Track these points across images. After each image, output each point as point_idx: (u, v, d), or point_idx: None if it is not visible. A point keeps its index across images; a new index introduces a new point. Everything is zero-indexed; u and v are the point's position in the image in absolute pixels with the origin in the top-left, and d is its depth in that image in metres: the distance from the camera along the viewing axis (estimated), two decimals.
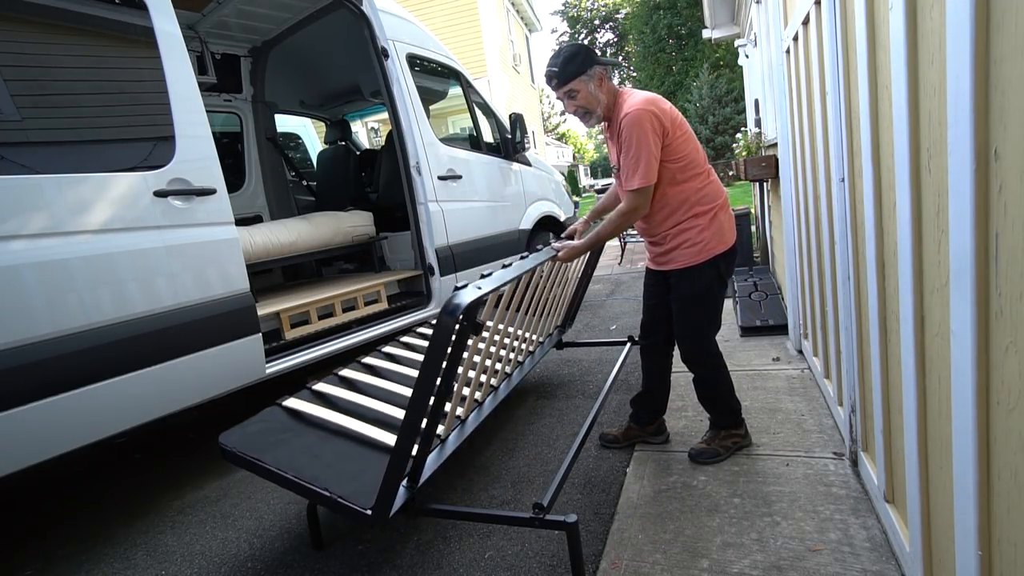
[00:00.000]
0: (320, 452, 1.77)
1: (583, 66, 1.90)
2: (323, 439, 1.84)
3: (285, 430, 1.88)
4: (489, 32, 13.51)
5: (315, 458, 1.72)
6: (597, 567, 1.64)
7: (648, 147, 1.84)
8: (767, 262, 5.13)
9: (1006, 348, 0.81)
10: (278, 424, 1.92)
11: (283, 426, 1.91)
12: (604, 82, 1.94)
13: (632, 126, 1.84)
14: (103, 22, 2.19)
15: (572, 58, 1.91)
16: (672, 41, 25.27)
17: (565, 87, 1.93)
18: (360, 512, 1.50)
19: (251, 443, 1.77)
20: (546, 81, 1.99)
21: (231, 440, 1.79)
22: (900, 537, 1.42)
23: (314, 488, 1.57)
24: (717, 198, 2.00)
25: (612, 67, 2.22)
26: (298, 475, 1.61)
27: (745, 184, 12.00)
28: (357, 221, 3.77)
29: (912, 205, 1.12)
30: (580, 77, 1.91)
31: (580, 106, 1.96)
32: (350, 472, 1.66)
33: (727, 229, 2.01)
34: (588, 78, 1.91)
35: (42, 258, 1.86)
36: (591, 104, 1.95)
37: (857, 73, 1.48)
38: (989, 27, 0.79)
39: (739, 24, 6.87)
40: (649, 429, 2.32)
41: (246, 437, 1.81)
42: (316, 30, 4.00)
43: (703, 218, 1.96)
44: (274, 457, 1.70)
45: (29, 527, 2.38)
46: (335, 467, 1.69)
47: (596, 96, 1.93)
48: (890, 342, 1.43)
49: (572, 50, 1.93)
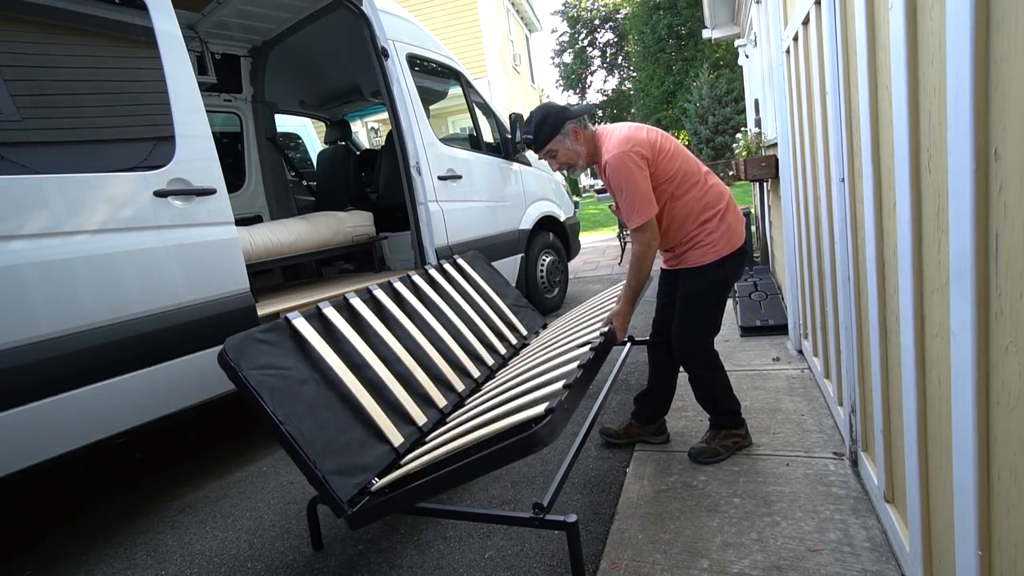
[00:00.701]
0: (315, 407, 1.73)
1: (555, 127, 2.00)
2: (322, 392, 1.80)
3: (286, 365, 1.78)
4: (489, 32, 13.51)
5: (310, 413, 1.70)
6: (597, 567, 1.64)
7: (636, 185, 1.89)
8: (767, 262, 5.13)
9: (1006, 348, 0.81)
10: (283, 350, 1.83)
11: (286, 354, 1.82)
12: (580, 134, 2.02)
13: (616, 172, 1.92)
14: (103, 22, 2.18)
15: (543, 122, 2.00)
16: (672, 41, 25.27)
17: (544, 150, 2.04)
18: (339, 505, 1.53)
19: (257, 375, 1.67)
20: (525, 145, 2.09)
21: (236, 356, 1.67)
22: (900, 537, 1.42)
23: (304, 456, 1.57)
24: (720, 201, 2.01)
25: (586, 116, 2.30)
26: (297, 437, 1.59)
27: (745, 184, 12.00)
28: (357, 221, 3.77)
29: (912, 205, 1.12)
30: (555, 138, 2.01)
31: (562, 163, 2.07)
32: (339, 446, 1.67)
33: (736, 230, 2.02)
34: (563, 136, 2.01)
35: (42, 258, 1.86)
36: (572, 158, 2.05)
37: (857, 73, 1.48)
38: (989, 27, 0.79)
39: (739, 24, 6.87)
40: (650, 428, 2.32)
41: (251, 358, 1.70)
42: (316, 30, 4.00)
43: (712, 222, 2.00)
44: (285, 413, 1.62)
45: (29, 527, 2.38)
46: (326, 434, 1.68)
47: (574, 150, 2.03)
48: (890, 342, 1.43)
49: (542, 114, 2.02)
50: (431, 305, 2.58)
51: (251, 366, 1.66)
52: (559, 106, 2.05)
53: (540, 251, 4.83)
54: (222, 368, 1.65)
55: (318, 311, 2.04)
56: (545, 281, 4.86)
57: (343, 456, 1.67)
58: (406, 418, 1.97)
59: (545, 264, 4.88)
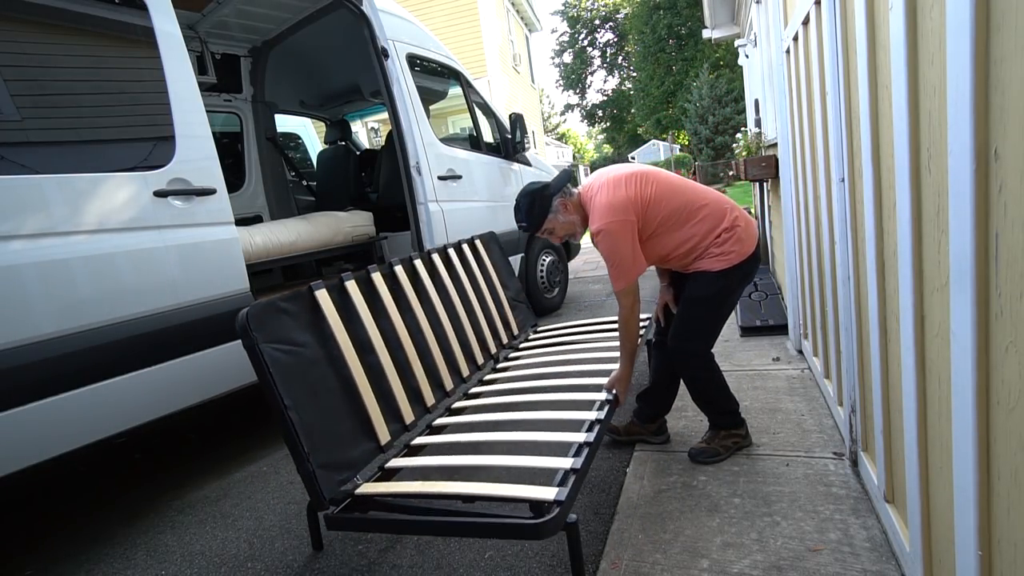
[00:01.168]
0: (319, 391, 1.73)
1: (544, 208, 2.06)
2: (327, 375, 1.80)
3: (300, 341, 1.77)
4: (489, 32, 13.51)
5: (313, 398, 1.70)
6: (597, 567, 1.64)
7: (621, 251, 1.94)
8: (767, 262, 5.13)
9: (1006, 348, 0.81)
10: (300, 323, 1.81)
11: (303, 328, 1.80)
12: (567, 204, 2.07)
13: (603, 242, 1.97)
14: (103, 22, 2.19)
15: (532, 207, 2.05)
16: (672, 41, 25.29)
17: (540, 231, 2.11)
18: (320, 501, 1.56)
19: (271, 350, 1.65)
20: (522, 231, 2.18)
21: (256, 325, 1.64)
22: (900, 537, 1.42)
23: (300, 446, 1.58)
24: (721, 218, 1.99)
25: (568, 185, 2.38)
26: (297, 425, 1.60)
27: (745, 184, 12.01)
28: (357, 221, 3.77)
29: (912, 205, 1.12)
30: (548, 217, 2.07)
31: (562, 236, 2.15)
32: (332, 438, 1.69)
33: (746, 237, 2.00)
34: (553, 214, 2.07)
35: (42, 258, 1.86)
36: (569, 229, 2.12)
37: (857, 73, 1.48)
38: (989, 27, 0.79)
39: (739, 24, 6.87)
40: (650, 427, 2.32)
41: (269, 330, 1.68)
42: (316, 30, 4.00)
43: (720, 237, 1.98)
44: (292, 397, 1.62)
45: (29, 527, 2.38)
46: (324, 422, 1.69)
47: (568, 221, 2.09)
48: (890, 342, 1.43)
49: (527, 201, 2.06)
50: (441, 288, 2.58)
51: (268, 339, 1.65)
52: (539, 185, 2.09)
53: (540, 251, 4.83)
54: (240, 335, 1.62)
55: (340, 283, 2.03)
56: (545, 281, 4.86)
57: (333, 450, 1.68)
58: (395, 414, 2.00)
59: (545, 264, 4.88)
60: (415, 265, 2.48)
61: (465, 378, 2.47)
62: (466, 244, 2.98)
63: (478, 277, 2.92)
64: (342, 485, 1.66)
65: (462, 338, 2.56)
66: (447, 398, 2.32)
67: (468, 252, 2.95)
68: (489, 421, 2.09)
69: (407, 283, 2.36)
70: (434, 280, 2.56)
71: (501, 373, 2.62)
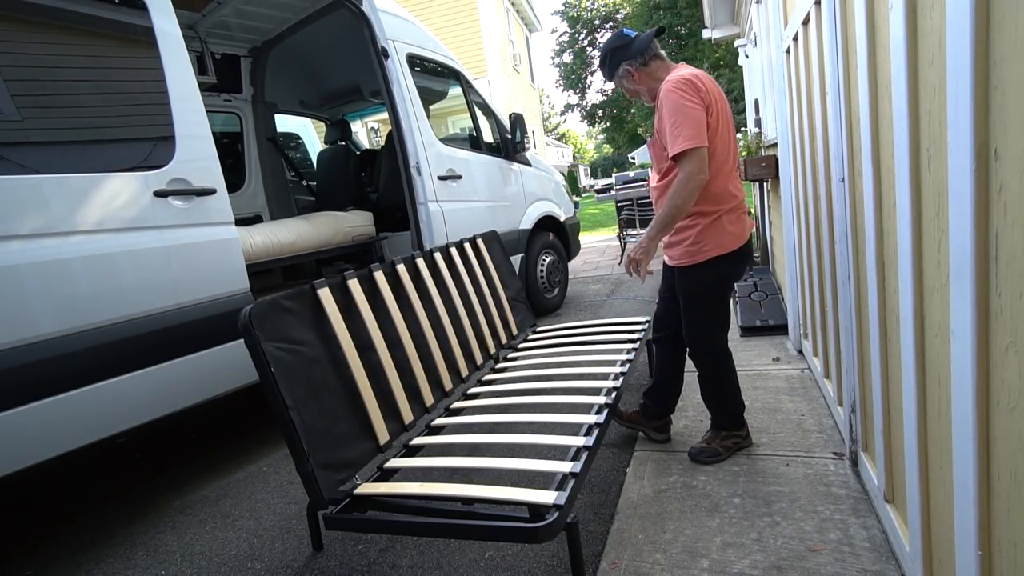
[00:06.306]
0: (320, 390, 1.73)
1: (612, 70, 2.07)
2: (328, 373, 1.80)
3: (302, 339, 1.76)
4: (489, 32, 13.52)
5: (314, 397, 1.70)
6: (597, 567, 1.64)
7: (684, 110, 1.78)
8: (767, 262, 5.13)
9: (1006, 348, 0.81)
10: (303, 321, 1.80)
11: (305, 326, 1.80)
12: (637, 74, 2.03)
13: (666, 96, 1.84)
14: (103, 22, 2.19)
15: (603, 63, 2.11)
16: (672, 41, 25.27)
17: (610, 82, 2.15)
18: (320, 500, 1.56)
19: (273, 349, 1.65)
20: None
21: (259, 323, 1.64)
22: (900, 537, 1.42)
23: (301, 446, 1.58)
24: (725, 202, 1.93)
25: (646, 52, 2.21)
26: (298, 425, 1.60)
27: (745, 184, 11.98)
28: (357, 221, 3.77)
29: (912, 205, 1.12)
30: (615, 76, 2.09)
31: (629, 92, 2.14)
32: (332, 437, 1.69)
33: (729, 233, 1.94)
34: (620, 77, 2.07)
35: (42, 258, 1.86)
36: (634, 94, 2.12)
37: (857, 73, 1.48)
38: (989, 27, 0.79)
39: (739, 24, 6.87)
40: (654, 423, 2.32)
41: (272, 328, 1.68)
42: (316, 30, 4.01)
43: (705, 218, 1.93)
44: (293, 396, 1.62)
45: (29, 527, 2.38)
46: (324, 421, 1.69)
47: (634, 88, 2.09)
48: (890, 342, 1.43)
49: (602, 55, 2.10)
50: (442, 287, 2.58)
51: (270, 337, 1.65)
52: (618, 42, 2.04)
53: (540, 251, 4.83)
54: (242, 333, 1.62)
55: (343, 281, 2.02)
56: (545, 281, 4.86)
57: (333, 449, 1.68)
58: (394, 413, 1.99)
59: (545, 264, 4.88)
60: (417, 264, 2.48)
61: (464, 378, 2.47)
62: (468, 243, 2.98)
63: (479, 276, 2.92)
64: (341, 485, 1.66)
65: (462, 338, 2.56)
66: (446, 398, 2.32)
67: (470, 251, 2.95)
68: (488, 422, 2.09)
69: (409, 282, 2.36)
70: (435, 279, 2.55)
71: (500, 374, 2.62)
